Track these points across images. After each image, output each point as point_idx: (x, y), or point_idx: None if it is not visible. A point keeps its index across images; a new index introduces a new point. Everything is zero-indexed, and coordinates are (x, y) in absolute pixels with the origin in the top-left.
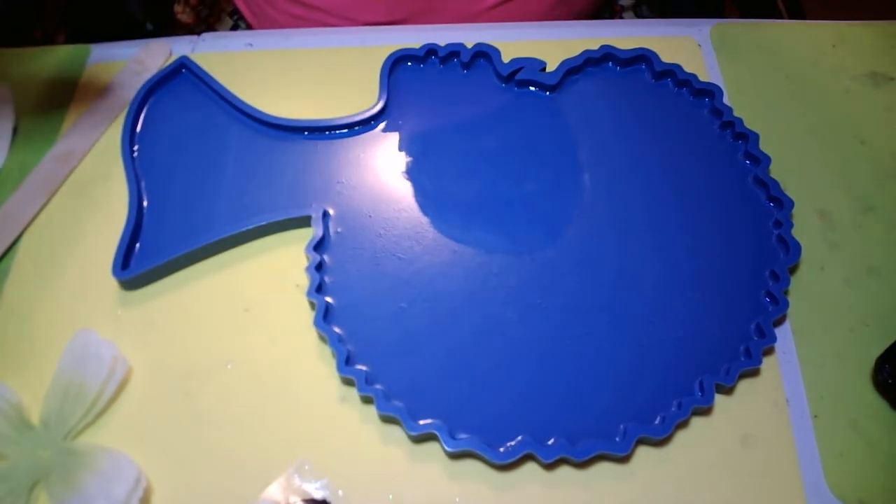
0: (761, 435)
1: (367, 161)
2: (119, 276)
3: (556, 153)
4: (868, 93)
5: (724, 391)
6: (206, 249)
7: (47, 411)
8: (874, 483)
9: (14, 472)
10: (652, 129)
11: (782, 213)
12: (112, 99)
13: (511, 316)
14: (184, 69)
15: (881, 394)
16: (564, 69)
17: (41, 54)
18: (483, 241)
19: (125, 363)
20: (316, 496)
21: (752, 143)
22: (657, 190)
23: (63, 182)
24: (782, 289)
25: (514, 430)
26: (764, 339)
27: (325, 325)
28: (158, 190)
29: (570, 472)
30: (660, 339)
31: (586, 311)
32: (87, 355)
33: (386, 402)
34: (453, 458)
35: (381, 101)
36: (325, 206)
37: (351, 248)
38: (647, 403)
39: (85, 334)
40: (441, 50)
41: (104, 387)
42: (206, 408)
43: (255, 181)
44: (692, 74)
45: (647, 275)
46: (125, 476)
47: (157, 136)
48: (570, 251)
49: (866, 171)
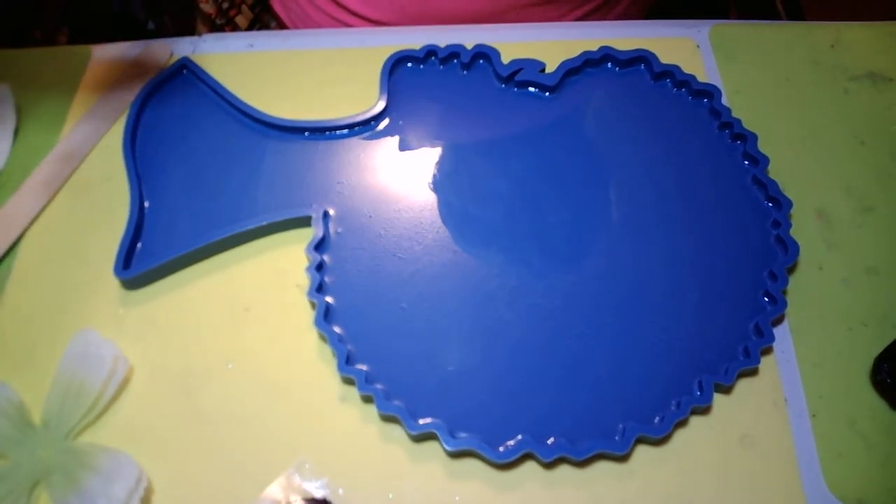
0: (760, 434)
1: (368, 161)
2: (121, 276)
3: (556, 153)
4: (867, 93)
5: (722, 390)
6: (207, 249)
7: (48, 411)
8: (873, 482)
9: (15, 472)
10: (651, 130)
11: (781, 214)
12: (113, 100)
13: (510, 315)
14: (185, 70)
15: (880, 393)
16: (564, 70)
17: (42, 54)
18: (483, 241)
19: (126, 363)
20: (316, 495)
21: (751, 143)
22: (656, 190)
23: (65, 182)
24: (780, 288)
25: (513, 429)
26: (762, 339)
27: (325, 324)
28: (159, 190)
29: (570, 470)
30: (658, 339)
31: (585, 310)
32: (88, 355)
33: (386, 402)
34: (453, 458)
35: (382, 102)
36: (326, 206)
37: (351, 249)
38: (646, 403)
39: (86, 334)
40: (441, 51)
41: (105, 387)
42: (206, 407)
43: (256, 181)
44: (691, 75)
45: (646, 275)
46: (126, 475)
47: (158, 137)
48: (568, 251)
49: (865, 172)
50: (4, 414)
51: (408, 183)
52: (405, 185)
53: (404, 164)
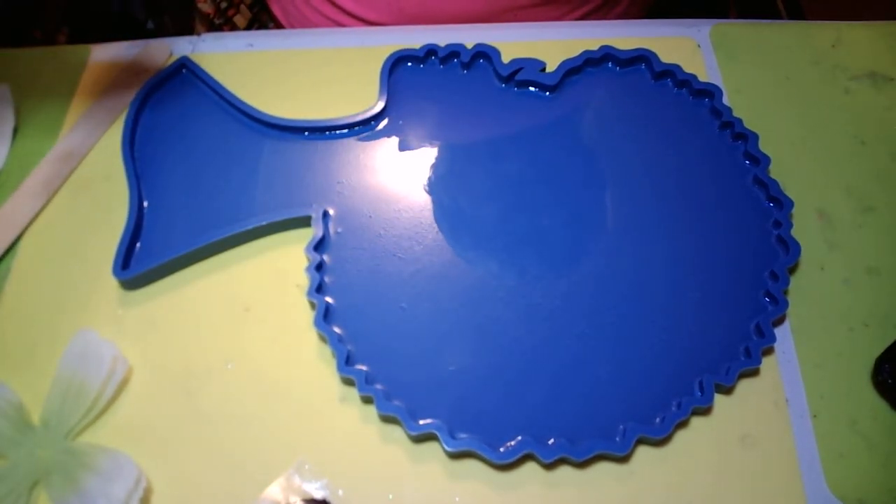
0: (761, 435)
1: (368, 161)
2: (120, 276)
3: (556, 153)
4: (867, 93)
5: (723, 391)
6: (206, 249)
7: (48, 411)
8: (874, 483)
9: (14, 472)
10: (652, 130)
11: (782, 214)
12: (112, 99)
13: (511, 316)
14: (184, 69)
15: (881, 394)
16: (564, 69)
17: (41, 54)
18: (482, 241)
19: (125, 363)
20: (316, 496)
21: (752, 143)
22: (657, 190)
23: (64, 182)
24: (782, 289)
25: (514, 429)
26: (763, 339)
27: (325, 325)
28: (159, 190)
29: (570, 471)
30: (660, 339)
31: (586, 310)
32: (88, 355)
33: (386, 402)
34: (453, 458)
35: (381, 102)
36: (326, 206)
37: (351, 248)
38: (646, 403)
39: (85, 334)
40: (441, 50)
41: (104, 387)
42: (206, 408)
43: (256, 181)
44: (692, 75)
45: (647, 275)
46: (125, 476)
47: (157, 137)
48: (568, 251)
49: (866, 172)
50: (4, 415)
51: (408, 183)
52: (405, 185)
53: (404, 163)
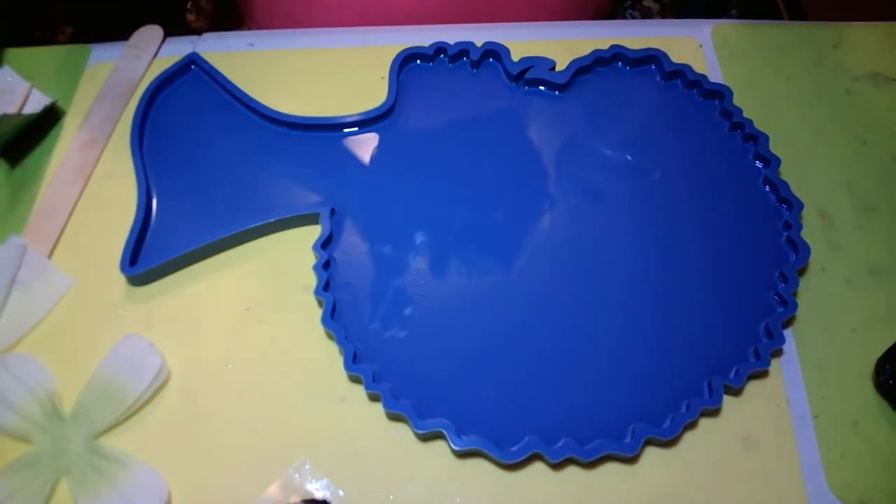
0: (763, 436)
1: (376, 159)
2: (127, 272)
3: (566, 152)
4: (869, 93)
5: (730, 392)
6: (213, 246)
7: (81, 405)
8: (875, 484)
9: (40, 462)
10: (661, 130)
11: (792, 215)
12: (118, 83)
13: (519, 315)
14: (193, 66)
15: (882, 395)
16: (574, 68)
17: (41, 54)
18: (493, 240)
19: (165, 373)
20: (317, 496)
21: (763, 144)
22: (667, 190)
23: (95, 166)
24: (791, 290)
25: (521, 429)
26: (773, 341)
27: (332, 322)
28: (167, 186)
29: (577, 472)
30: (669, 340)
31: (596, 311)
32: (134, 361)
33: (393, 401)
34: (458, 458)
35: (390, 100)
36: (334, 203)
37: (358, 246)
38: (655, 404)
39: (134, 340)
40: (450, 48)
41: (142, 395)
42: (206, 408)
43: (264, 178)
44: (702, 75)
45: (657, 275)
46: (155, 497)
47: (165, 133)
48: (580, 251)
49: (867, 172)
50: (37, 399)
51: (416, 181)
52: (414, 183)
53: (412, 161)
